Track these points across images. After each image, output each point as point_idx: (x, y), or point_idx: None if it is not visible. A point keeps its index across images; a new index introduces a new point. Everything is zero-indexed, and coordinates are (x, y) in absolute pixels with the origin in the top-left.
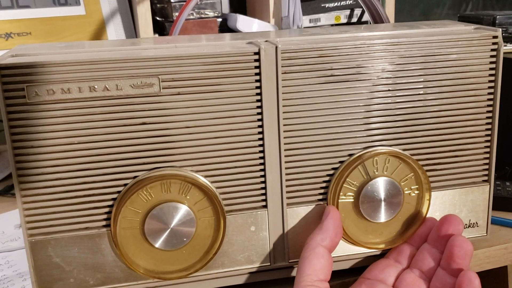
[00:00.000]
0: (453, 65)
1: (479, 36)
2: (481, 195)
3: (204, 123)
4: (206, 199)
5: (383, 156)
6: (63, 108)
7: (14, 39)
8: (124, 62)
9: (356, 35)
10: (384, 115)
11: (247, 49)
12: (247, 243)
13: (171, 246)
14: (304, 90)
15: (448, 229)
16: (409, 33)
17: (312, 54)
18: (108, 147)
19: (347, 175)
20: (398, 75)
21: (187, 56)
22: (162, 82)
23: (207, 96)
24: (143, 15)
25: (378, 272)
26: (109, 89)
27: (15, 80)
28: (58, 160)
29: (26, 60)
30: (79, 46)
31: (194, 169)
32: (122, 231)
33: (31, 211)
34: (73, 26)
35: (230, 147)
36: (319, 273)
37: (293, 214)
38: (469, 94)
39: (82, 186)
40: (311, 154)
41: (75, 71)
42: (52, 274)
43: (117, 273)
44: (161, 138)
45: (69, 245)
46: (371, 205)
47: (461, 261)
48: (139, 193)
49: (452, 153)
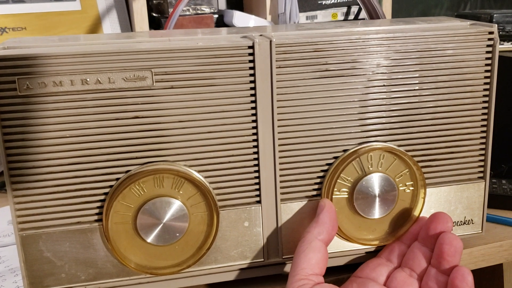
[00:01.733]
0: (449, 60)
1: (475, 32)
2: (477, 192)
3: (197, 117)
4: (199, 194)
5: (378, 151)
6: (55, 101)
7: (9, 33)
8: (116, 54)
9: (351, 30)
10: (379, 111)
11: (241, 43)
12: (240, 238)
13: (164, 241)
14: (298, 85)
15: (436, 227)
16: (405, 28)
17: (307, 49)
18: (100, 141)
19: (342, 170)
20: (393, 70)
21: (180, 49)
22: (155, 76)
23: (200, 90)
24: (139, 10)
25: (370, 271)
26: (101, 82)
27: (7, 73)
28: (49, 154)
29: (18, 53)
30: (72, 39)
31: (187, 163)
32: (114, 226)
33: (22, 205)
34: (68, 21)
35: (224, 142)
36: (315, 267)
37: (287, 210)
38: (465, 90)
39: (74, 180)
40: (306, 150)
41: (67, 63)
42: (43, 269)
43: (109, 268)
44: (154, 132)
45: (60, 240)
46: (365, 201)
47: (451, 258)
48: (132, 188)
49: (447, 149)
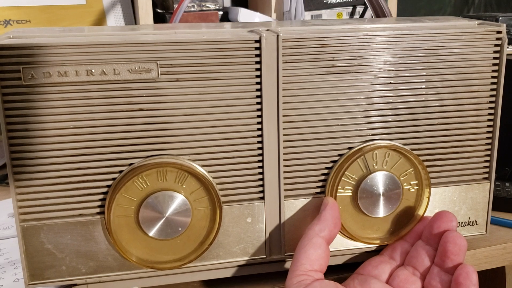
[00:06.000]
0: (456, 59)
1: (483, 31)
2: (481, 193)
3: (202, 111)
4: (203, 189)
5: (383, 150)
6: (59, 91)
7: (13, 26)
8: (122, 46)
9: (358, 27)
10: (385, 108)
11: (248, 37)
12: (243, 234)
13: (166, 235)
14: (304, 81)
15: (440, 225)
16: (412, 26)
17: (314, 44)
18: (104, 133)
19: (346, 168)
20: (400, 68)
21: (186, 41)
22: (161, 68)
23: (206, 83)
24: (143, 6)
25: (372, 268)
26: (106, 73)
27: (11, 61)
28: (53, 145)
29: (23, 42)
30: (77, 30)
31: (191, 158)
32: (116, 219)
33: (24, 196)
34: (72, 15)
35: (228, 137)
36: (314, 263)
37: (290, 207)
38: (472, 90)
39: (77, 171)
40: (310, 146)
41: (73, 54)
42: (44, 261)
43: (110, 262)
44: (158, 125)
45: (62, 232)
46: (369, 199)
47: (455, 257)
48: (135, 181)
49: (453, 149)
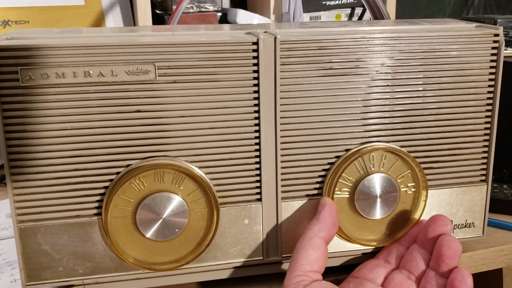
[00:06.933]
0: (453, 62)
1: (480, 34)
2: (478, 195)
3: (199, 112)
4: (200, 190)
5: (380, 152)
6: (57, 92)
7: (12, 27)
8: (120, 47)
9: (356, 29)
10: (382, 111)
11: (245, 39)
12: (240, 236)
13: (163, 237)
14: (302, 83)
15: (435, 229)
16: (409, 28)
17: (311, 46)
18: (101, 134)
19: (343, 170)
20: (397, 70)
21: (184, 43)
22: (158, 70)
23: (203, 85)
24: (142, 7)
25: (367, 271)
26: (104, 74)
27: (9, 63)
28: (50, 146)
29: (21, 43)
30: (75, 32)
31: (188, 159)
32: (113, 220)
33: (22, 197)
34: (71, 16)
35: (226, 138)
36: (314, 264)
37: (287, 208)
38: (469, 92)
39: (74, 173)
40: (308, 148)
41: (70, 55)
42: (41, 262)
43: (107, 263)
44: (155, 127)
45: (59, 233)
46: (366, 201)
47: (450, 261)
48: (132, 182)
49: (450, 151)
